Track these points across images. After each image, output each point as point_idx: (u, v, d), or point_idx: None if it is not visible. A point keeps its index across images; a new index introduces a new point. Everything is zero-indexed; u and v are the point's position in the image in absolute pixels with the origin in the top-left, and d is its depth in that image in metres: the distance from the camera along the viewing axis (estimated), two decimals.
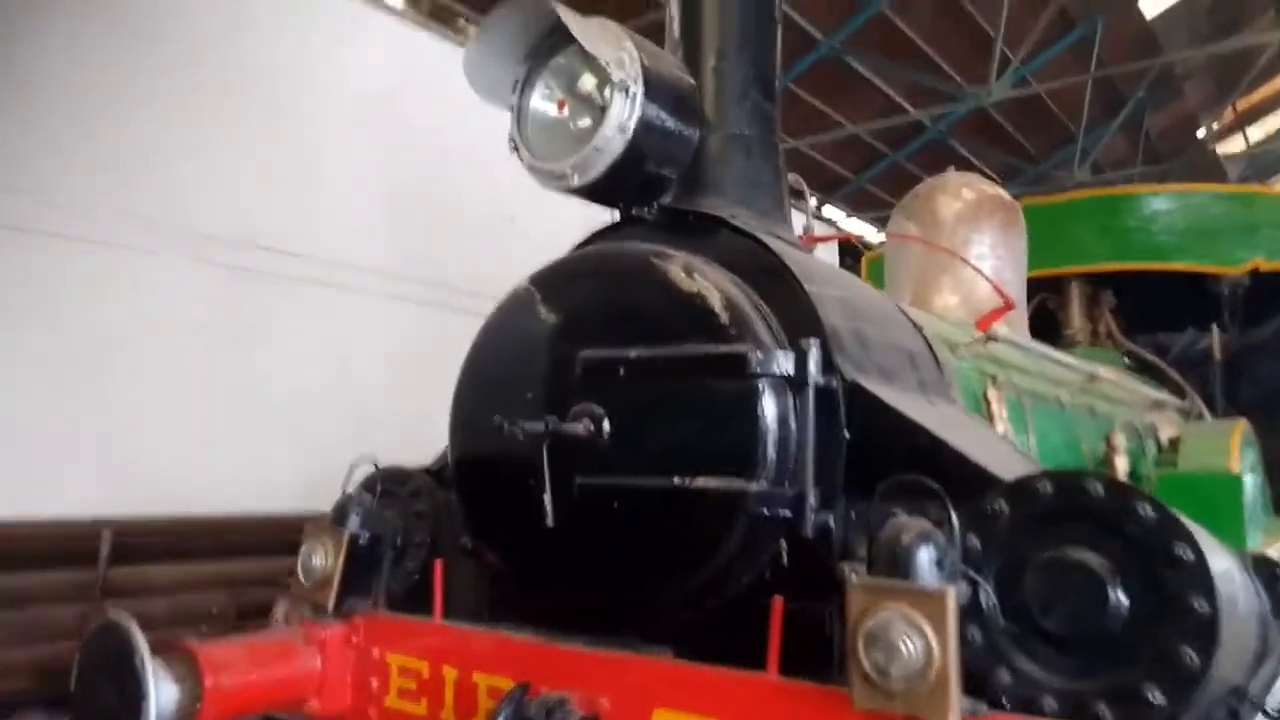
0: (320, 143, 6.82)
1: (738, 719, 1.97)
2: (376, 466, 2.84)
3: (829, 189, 19.35)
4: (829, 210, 19.78)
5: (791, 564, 2.21)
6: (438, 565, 2.66)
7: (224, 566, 5.20)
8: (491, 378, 2.61)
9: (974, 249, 4.23)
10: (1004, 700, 1.79)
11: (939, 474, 1.94)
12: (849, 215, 20.74)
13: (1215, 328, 5.58)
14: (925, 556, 1.69)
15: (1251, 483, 3.35)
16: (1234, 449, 3.58)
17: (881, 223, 18.89)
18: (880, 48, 15.44)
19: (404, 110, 7.33)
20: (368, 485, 2.95)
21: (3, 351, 5.02)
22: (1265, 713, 2.00)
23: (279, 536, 4.93)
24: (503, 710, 2.12)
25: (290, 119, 6.65)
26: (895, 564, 1.70)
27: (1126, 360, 6.06)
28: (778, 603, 1.99)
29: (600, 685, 2.19)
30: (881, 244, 8.55)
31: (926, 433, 2.12)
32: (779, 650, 1.99)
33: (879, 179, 19.77)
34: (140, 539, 4.95)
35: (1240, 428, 3.83)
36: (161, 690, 2.34)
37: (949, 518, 1.73)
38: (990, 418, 2.91)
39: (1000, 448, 2.43)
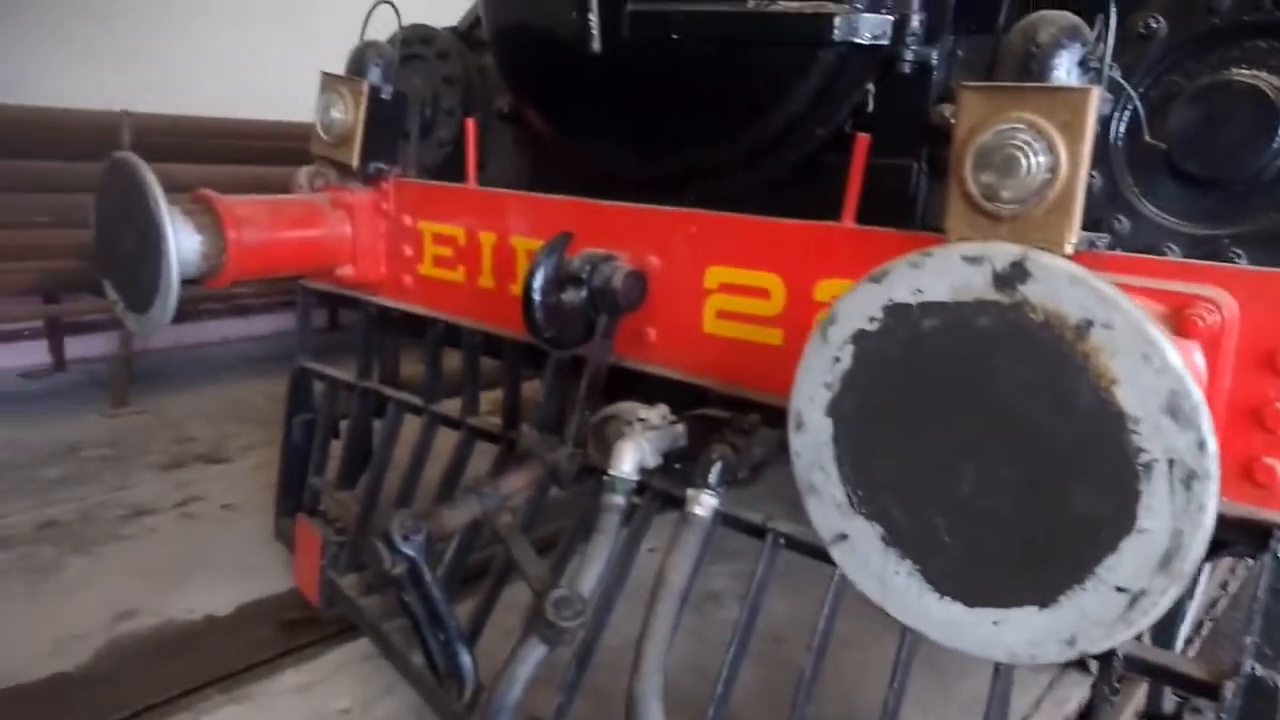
0: None
1: (802, 274, 1.78)
2: (397, 12, 2.45)
3: None
4: None
5: (879, 111, 1.89)
6: (469, 124, 2.39)
7: (250, 170, 5.01)
8: None
9: None
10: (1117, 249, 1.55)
11: None
12: None
13: None
14: (1068, 57, 1.35)
15: None
16: None
17: None
18: None
19: None
20: (391, 41, 2.60)
21: None
22: None
23: (304, 144, 4.72)
24: (542, 263, 1.94)
25: None
26: (1027, 68, 1.37)
27: None
28: (862, 140, 1.70)
29: (650, 243, 2.00)
30: None
31: None
32: (857, 201, 1.74)
33: None
34: (162, 138, 4.74)
35: None
36: (182, 237, 2.20)
37: (1108, 7, 1.35)
38: None
39: None
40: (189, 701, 2.43)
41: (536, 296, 1.92)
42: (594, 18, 1.81)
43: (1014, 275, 0.93)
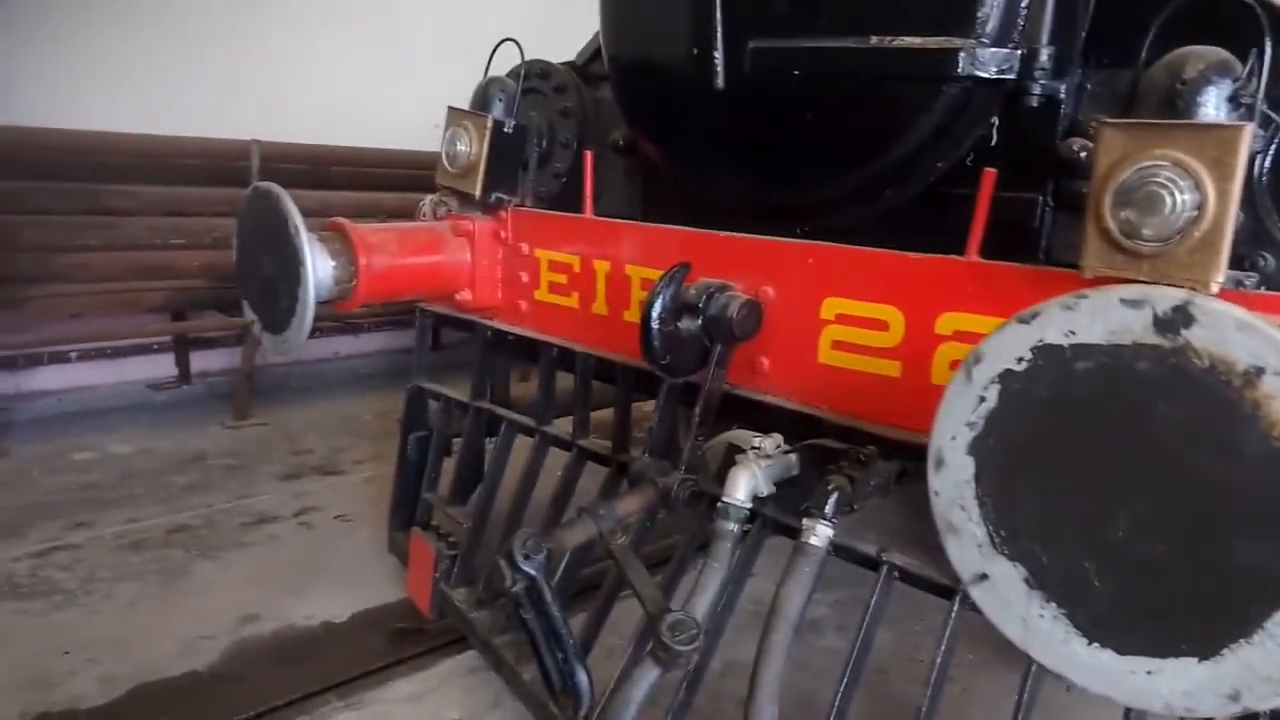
0: None
1: (923, 308, 1.78)
2: (520, 50, 2.56)
3: None
4: None
5: (1003, 144, 1.88)
6: (588, 156, 2.46)
7: (364, 196, 5.26)
8: None
9: None
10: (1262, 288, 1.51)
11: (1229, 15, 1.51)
12: None
13: None
14: (1216, 93, 1.33)
15: None
16: None
17: None
18: None
19: None
20: (512, 75, 2.71)
21: None
22: None
23: (415, 171, 4.96)
24: (661, 291, 1.98)
25: None
26: (1171, 104, 1.35)
27: None
28: (989, 174, 1.70)
29: (765, 274, 2.03)
30: None
31: None
32: (981, 235, 1.73)
33: None
34: (286, 164, 5.01)
35: None
36: (318, 263, 2.33)
37: (1262, 42, 1.33)
38: None
39: None
40: (309, 705, 2.55)
41: (654, 324, 1.96)
42: (718, 55, 1.86)
43: (1177, 319, 0.92)
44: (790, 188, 2.10)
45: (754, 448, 1.98)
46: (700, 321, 2.01)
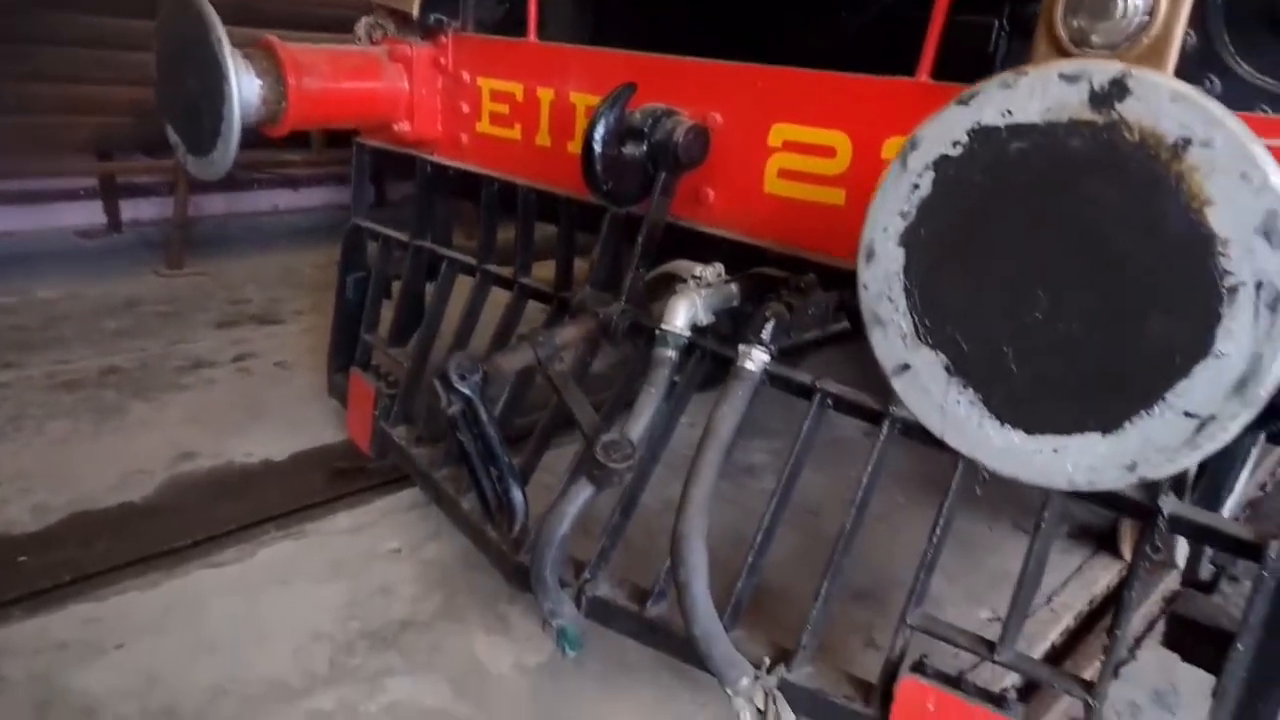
0: None
1: (871, 132, 1.74)
2: None
3: None
4: None
5: None
6: None
7: (296, 35, 4.95)
8: None
9: None
10: None
11: None
12: None
13: None
14: None
15: None
16: None
17: None
18: None
19: None
20: None
21: None
22: None
23: (353, 12, 4.65)
24: (604, 113, 1.91)
25: None
26: None
27: None
28: None
29: (713, 99, 1.97)
30: None
31: None
32: (934, 57, 1.68)
33: None
34: None
35: None
36: (243, 80, 2.20)
37: None
38: None
39: None
40: (249, 534, 2.56)
41: (597, 148, 1.90)
42: None
43: (1113, 92, 0.90)
44: (745, 7, 2.01)
45: (695, 276, 1.97)
46: (645, 147, 1.95)
